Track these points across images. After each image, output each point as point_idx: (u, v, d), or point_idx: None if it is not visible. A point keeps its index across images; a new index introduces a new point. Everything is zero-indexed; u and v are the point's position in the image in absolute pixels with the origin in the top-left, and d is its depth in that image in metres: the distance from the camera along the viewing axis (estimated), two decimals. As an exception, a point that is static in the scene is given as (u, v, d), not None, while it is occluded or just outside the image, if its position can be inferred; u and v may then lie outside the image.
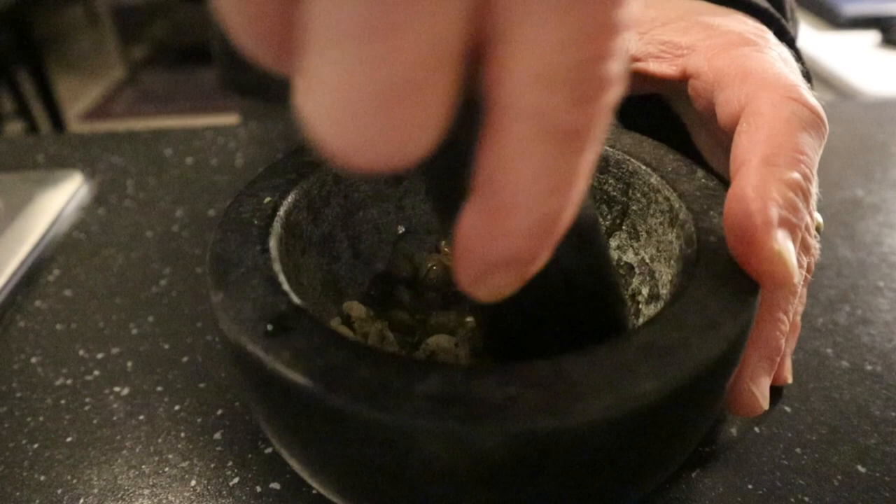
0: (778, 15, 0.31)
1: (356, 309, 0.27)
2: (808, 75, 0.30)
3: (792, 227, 0.22)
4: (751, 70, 0.26)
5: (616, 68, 0.13)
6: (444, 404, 0.17)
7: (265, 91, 0.67)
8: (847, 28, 1.49)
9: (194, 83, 2.72)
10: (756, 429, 0.31)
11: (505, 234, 0.14)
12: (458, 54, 0.12)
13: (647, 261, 0.28)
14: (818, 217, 0.30)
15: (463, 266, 0.15)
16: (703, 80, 0.28)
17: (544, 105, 0.13)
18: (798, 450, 0.30)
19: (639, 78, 0.31)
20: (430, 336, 0.26)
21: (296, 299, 0.20)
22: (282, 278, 0.21)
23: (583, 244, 0.21)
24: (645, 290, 0.28)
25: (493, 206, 0.14)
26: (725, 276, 0.21)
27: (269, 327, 0.19)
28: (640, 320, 0.28)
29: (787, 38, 0.31)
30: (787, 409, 0.32)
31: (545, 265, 0.15)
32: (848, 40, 1.42)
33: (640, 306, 0.28)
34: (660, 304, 0.26)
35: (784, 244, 0.21)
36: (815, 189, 0.27)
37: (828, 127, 0.24)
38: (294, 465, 0.22)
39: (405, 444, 0.17)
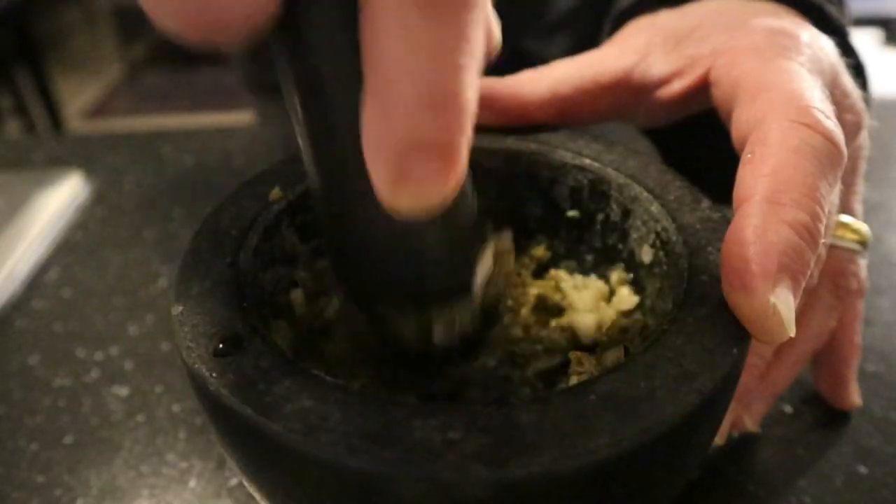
0: (820, 2, 0.28)
1: (297, 296, 0.27)
2: (859, 68, 0.28)
3: (794, 276, 0.19)
4: (764, 85, 0.23)
5: None
6: (379, 444, 0.16)
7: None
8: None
9: (194, 82, 2.72)
10: (757, 429, 0.31)
11: (397, 111, 0.14)
12: None
13: (647, 294, 0.26)
14: (864, 227, 0.28)
15: (374, 167, 0.14)
16: (722, 90, 0.25)
17: None
18: (799, 450, 0.30)
19: (672, 102, 0.28)
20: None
21: (254, 318, 0.20)
22: (247, 294, 0.21)
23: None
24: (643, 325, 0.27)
25: (379, 84, 0.14)
26: (711, 321, 0.19)
27: (220, 346, 0.19)
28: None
29: (833, 28, 0.28)
30: (788, 409, 0.32)
31: None
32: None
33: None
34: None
35: (781, 297, 0.19)
36: (830, 222, 0.25)
37: (844, 154, 0.22)
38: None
39: (338, 484, 0.17)
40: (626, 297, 0.26)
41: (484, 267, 0.22)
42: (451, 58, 0.13)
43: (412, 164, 0.14)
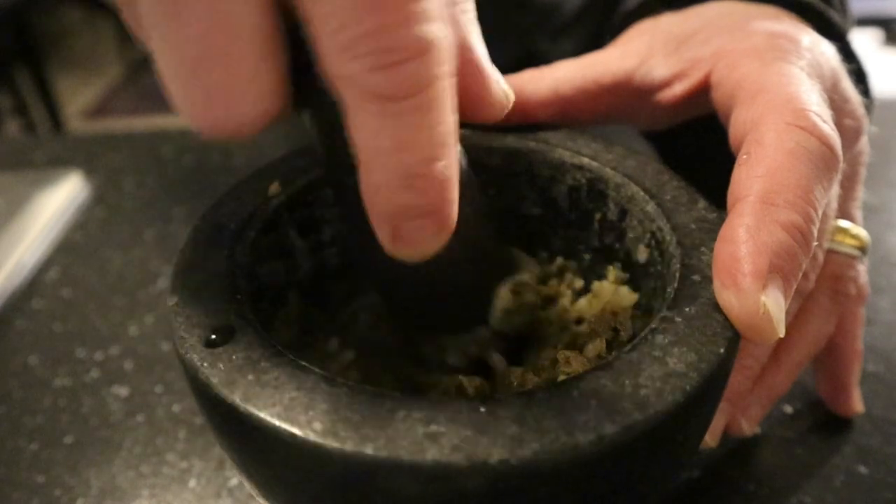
0: (822, 7, 0.28)
1: (293, 295, 0.27)
2: (860, 74, 0.28)
3: (786, 277, 0.19)
4: (762, 87, 0.23)
5: (421, 33, 0.14)
6: (363, 434, 0.16)
7: None
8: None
9: (194, 82, 2.72)
10: (757, 429, 0.31)
11: (379, 188, 0.16)
12: (257, 25, 0.15)
13: (643, 294, 0.26)
14: (863, 233, 0.28)
15: (376, 228, 0.17)
16: (722, 93, 0.25)
17: (356, 73, 0.15)
18: (799, 450, 0.30)
19: (673, 105, 0.28)
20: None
21: (247, 310, 0.20)
22: (240, 287, 0.21)
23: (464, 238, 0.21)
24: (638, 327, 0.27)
25: (363, 165, 0.16)
26: (700, 320, 0.19)
27: (212, 337, 0.19)
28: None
29: (835, 33, 0.28)
30: (789, 409, 0.32)
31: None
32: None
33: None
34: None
35: (772, 297, 0.19)
36: (826, 225, 0.25)
37: (840, 158, 0.22)
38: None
39: (323, 474, 0.17)
40: (626, 295, 0.27)
41: (501, 301, 0.24)
42: (417, 145, 0.16)
43: (402, 227, 0.17)
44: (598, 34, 0.38)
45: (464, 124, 0.29)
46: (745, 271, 0.19)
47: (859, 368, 0.31)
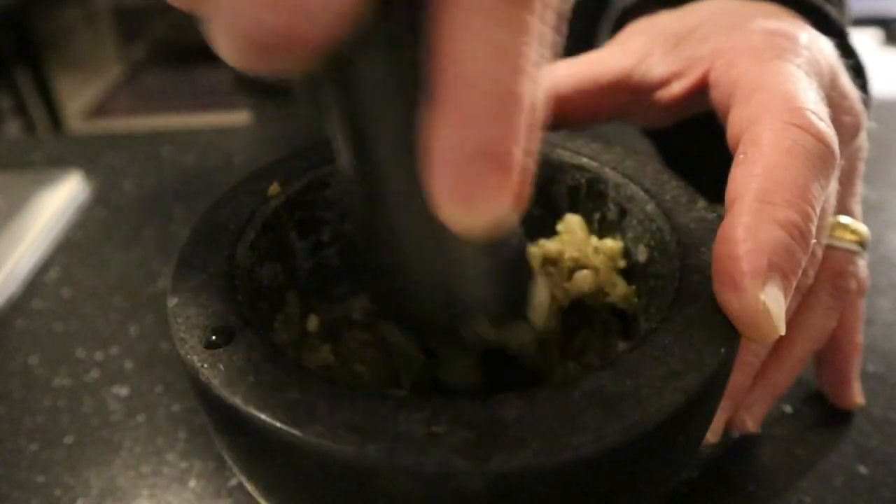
0: (820, 3, 0.28)
1: (292, 296, 0.26)
2: (858, 69, 0.28)
3: (785, 275, 0.19)
4: (759, 86, 0.23)
5: None
6: (364, 437, 0.16)
7: (276, 93, 0.66)
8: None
9: (194, 83, 2.72)
10: (758, 430, 0.31)
11: (473, 119, 0.13)
12: None
13: (642, 293, 0.26)
14: (863, 228, 0.29)
15: (443, 181, 0.13)
16: (720, 91, 0.25)
17: None
18: (799, 450, 0.30)
19: (672, 103, 0.28)
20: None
21: (247, 311, 0.20)
22: (240, 288, 0.21)
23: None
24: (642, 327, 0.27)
25: (453, 89, 0.13)
26: (700, 320, 0.19)
27: (212, 338, 0.19)
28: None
29: (833, 29, 0.28)
30: (789, 409, 0.32)
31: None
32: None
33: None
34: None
35: (771, 296, 0.19)
36: (824, 223, 0.25)
37: (837, 155, 0.22)
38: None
39: (323, 476, 0.17)
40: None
41: (540, 296, 0.22)
42: (523, 66, 0.13)
43: (487, 175, 0.13)
44: (586, 34, 0.38)
45: None
46: (744, 270, 0.19)
47: (859, 361, 0.31)
